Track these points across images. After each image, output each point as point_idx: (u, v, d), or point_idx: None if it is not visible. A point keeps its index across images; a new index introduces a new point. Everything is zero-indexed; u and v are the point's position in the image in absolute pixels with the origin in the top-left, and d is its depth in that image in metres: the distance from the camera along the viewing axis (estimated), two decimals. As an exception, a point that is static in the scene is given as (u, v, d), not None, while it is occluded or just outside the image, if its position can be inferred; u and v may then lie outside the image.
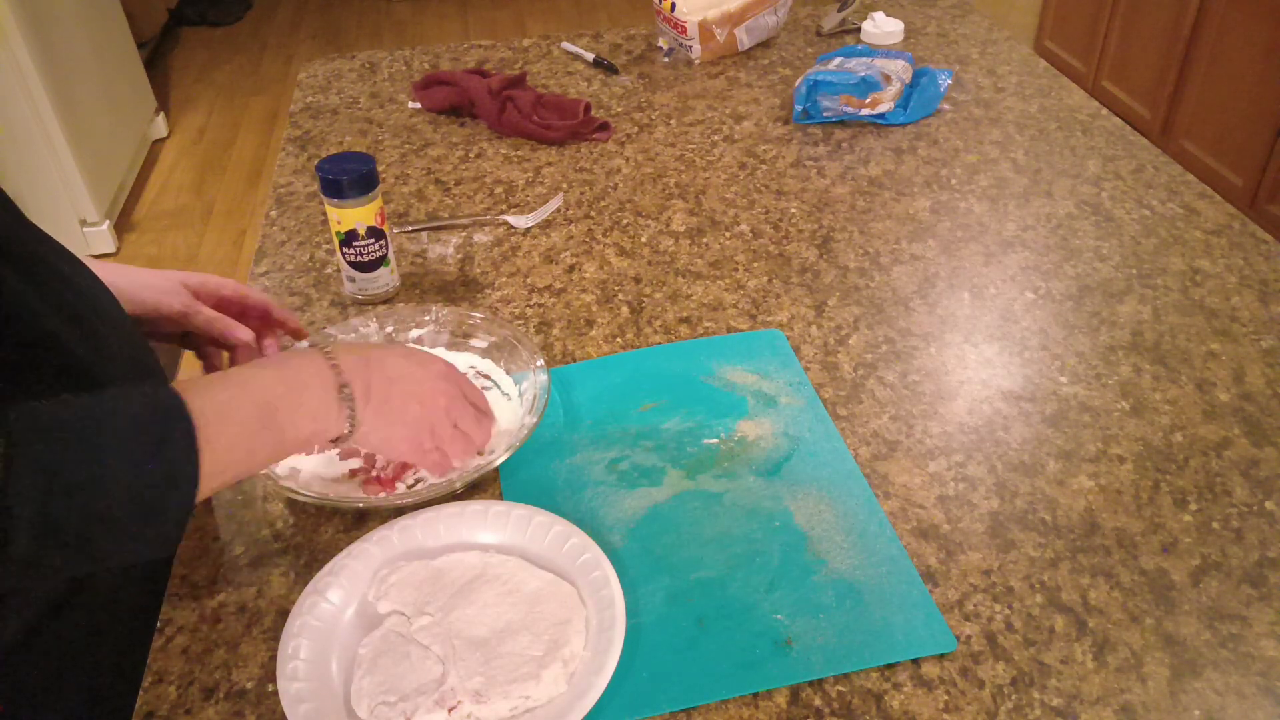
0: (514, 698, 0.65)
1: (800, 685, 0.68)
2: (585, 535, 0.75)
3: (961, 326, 1.00)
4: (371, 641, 0.69)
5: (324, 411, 0.69)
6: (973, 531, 0.79)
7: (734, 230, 1.16)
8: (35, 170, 2.60)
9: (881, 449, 0.86)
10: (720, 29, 1.55)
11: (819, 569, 0.75)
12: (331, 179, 0.98)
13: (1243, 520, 0.79)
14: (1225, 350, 0.97)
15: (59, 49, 2.65)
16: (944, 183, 1.25)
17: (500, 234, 1.17)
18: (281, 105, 3.61)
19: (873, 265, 1.10)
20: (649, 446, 0.87)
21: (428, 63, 1.61)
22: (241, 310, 0.90)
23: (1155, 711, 0.66)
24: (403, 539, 0.76)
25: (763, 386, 0.93)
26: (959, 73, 1.50)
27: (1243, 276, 1.07)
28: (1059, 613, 0.73)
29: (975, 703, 0.67)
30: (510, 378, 0.92)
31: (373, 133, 1.41)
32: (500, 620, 0.70)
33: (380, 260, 1.04)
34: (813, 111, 1.38)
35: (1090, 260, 1.10)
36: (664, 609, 0.73)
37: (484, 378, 0.93)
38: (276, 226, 1.21)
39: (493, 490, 0.83)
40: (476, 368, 0.94)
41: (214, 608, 0.75)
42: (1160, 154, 1.29)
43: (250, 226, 2.95)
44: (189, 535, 0.80)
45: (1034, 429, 0.88)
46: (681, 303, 1.05)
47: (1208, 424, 0.88)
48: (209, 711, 0.68)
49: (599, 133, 1.37)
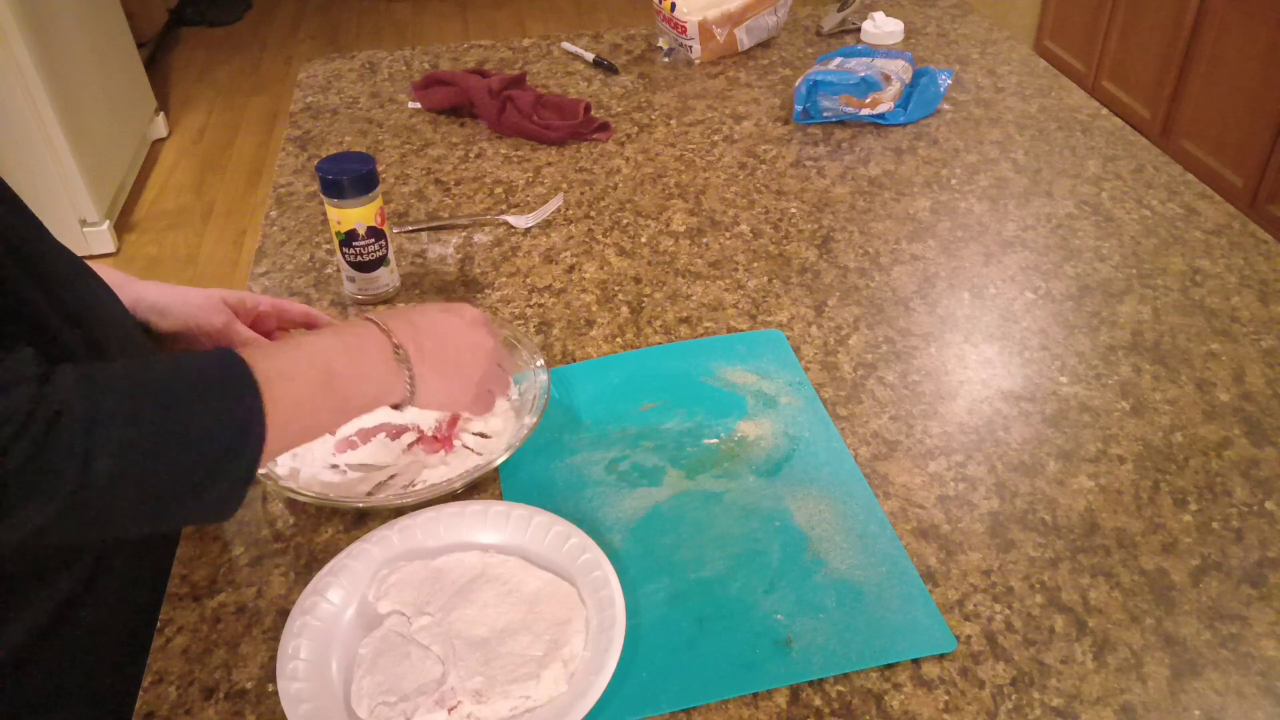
0: (514, 698, 0.65)
1: (800, 685, 0.68)
2: (585, 535, 0.75)
3: (961, 326, 1.00)
4: (371, 641, 0.69)
5: (384, 374, 0.70)
6: (973, 531, 0.79)
7: (734, 230, 1.16)
8: (35, 170, 2.60)
9: (881, 449, 0.86)
10: (720, 29, 1.54)
11: (819, 569, 0.75)
12: (331, 179, 0.98)
13: (1243, 520, 0.79)
14: (1225, 350, 0.97)
15: (59, 49, 2.65)
16: (944, 183, 1.25)
17: (500, 234, 1.17)
18: (281, 105, 3.61)
19: (873, 265, 1.10)
20: (649, 446, 0.87)
21: (428, 63, 1.61)
22: (278, 325, 0.93)
23: (1155, 711, 0.66)
24: (403, 539, 0.77)
25: (763, 386, 0.93)
26: (959, 73, 1.50)
27: (1243, 276, 1.07)
28: (1059, 613, 0.73)
29: (975, 703, 0.67)
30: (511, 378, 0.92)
31: (373, 133, 1.41)
32: (500, 620, 0.70)
33: (380, 260, 1.04)
34: (813, 111, 1.38)
35: (1090, 260, 1.10)
36: (664, 609, 0.73)
37: None
38: (276, 226, 1.21)
39: (493, 490, 0.83)
40: None
41: (214, 608, 0.75)
42: (1160, 154, 1.29)
43: (250, 226, 2.95)
44: (189, 535, 0.80)
45: (1034, 429, 0.88)
46: (681, 303, 1.05)
47: (1208, 424, 0.88)
48: (209, 711, 0.68)
49: (599, 133, 1.37)
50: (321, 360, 0.66)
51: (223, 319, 0.88)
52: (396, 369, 0.70)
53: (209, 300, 0.89)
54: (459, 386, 0.76)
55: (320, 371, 0.66)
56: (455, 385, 0.75)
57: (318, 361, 0.66)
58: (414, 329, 0.73)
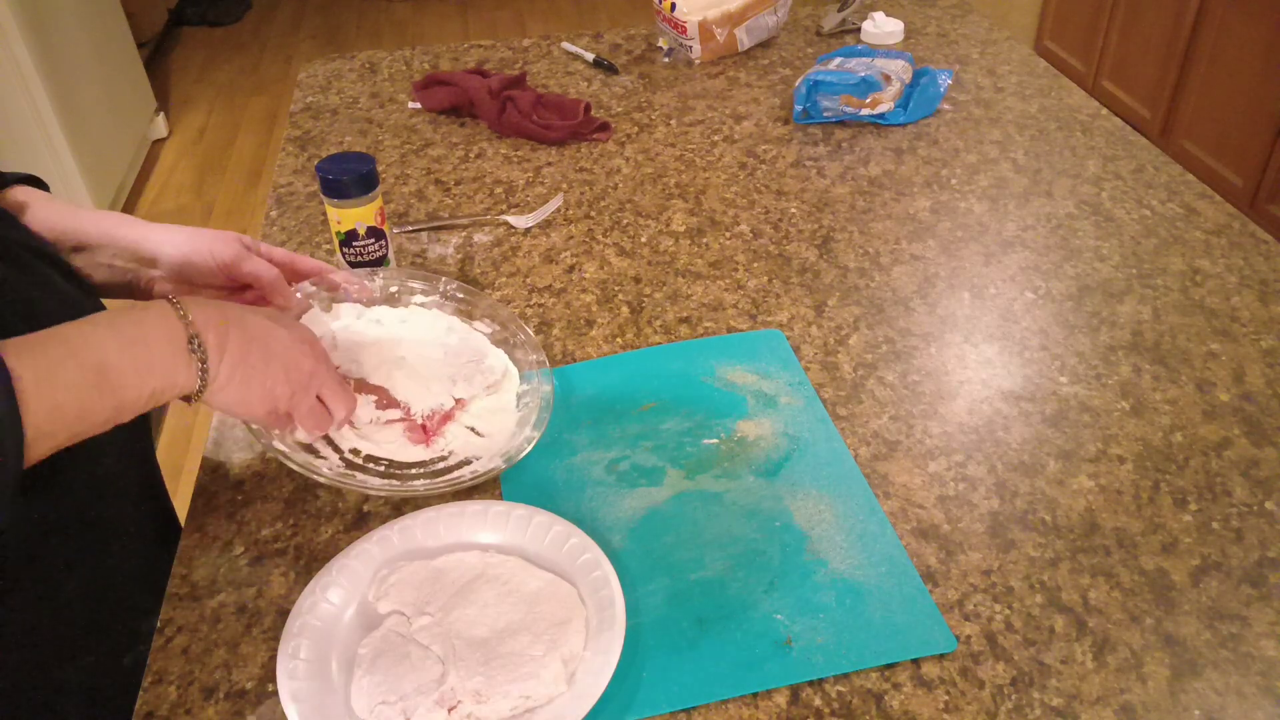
0: (514, 698, 0.65)
1: (800, 685, 0.68)
2: (585, 535, 0.75)
3: (961, 326, 1.00)
4: (371, 641, 0.69)
5: (169, 366, 0.65)
6: (973, 531, 0.79)
7: (734, 230, 1.16)
8: (35, 170, 2.57)
9: (881, 449, 0.86)
10: (720, 29, 1.55)
11: (819, 569, 0.75)
12: (331, 179, 0.98)
13: (1243, 520, 0.79)
14: (1225, 350, 0.97)
15: (59, 49, 2.65)
16: (944, 183, 1.25)
17: (500, 234, 1.17)
18: (281, 105, 3.61)
19: (873, 265, 1.10)
20: (649, 446, 0.87)
21: (428, 63, 1.61)
22: (292, 274, 0.90)
23: (1155, 711, 0.66)
24: (403, 539, 0.77)
25: (762, 386, 0.93)
26: (959, 73, 1.50)
27: (1243, 276, 1.07)
28: (1059, 613, 0.73)
29: (975, 703, 0.67)
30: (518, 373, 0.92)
31: (373, 133, 1.41)
32: (500, 620, 0.70)
33: (380, 260, 1.04)
34: (813, 111, 1.38)
35: (1090, 260, 1.10)
36: (664, 609, 0.73)
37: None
38: (276, 226, 1.21)
39: (493, 490, 0.83)
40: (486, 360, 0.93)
41: (214, 608, 0.75)
42: (1160, 154, 1.29)
43: (250, 226, 2.95)
44: (188, 535, 0.80)
45: (1034, 429, 0.88)
46: (681, 303, 1.05)
47: (1208, 424, 0.88)
48: (209, 711, 0.68)
49: (599, 133, 1.37)
50: (92, 358, 0.61)
51: (233, 251, 0.85)
52: (186, 359, 0.65)
53: (223, 235, 0.86)
54: (256, 396, 0.71)
55: (90, 370, 0.60)
56: (252, 394, 0.70)
57: (87, 359, 0.61)
58: (223, 323, 0.68)
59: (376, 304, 0.94)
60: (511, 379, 0.91)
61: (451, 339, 0.92)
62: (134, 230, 0.85)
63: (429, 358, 0.88)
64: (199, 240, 0.85)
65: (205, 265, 0.85)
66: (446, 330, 0.93)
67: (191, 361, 0.66)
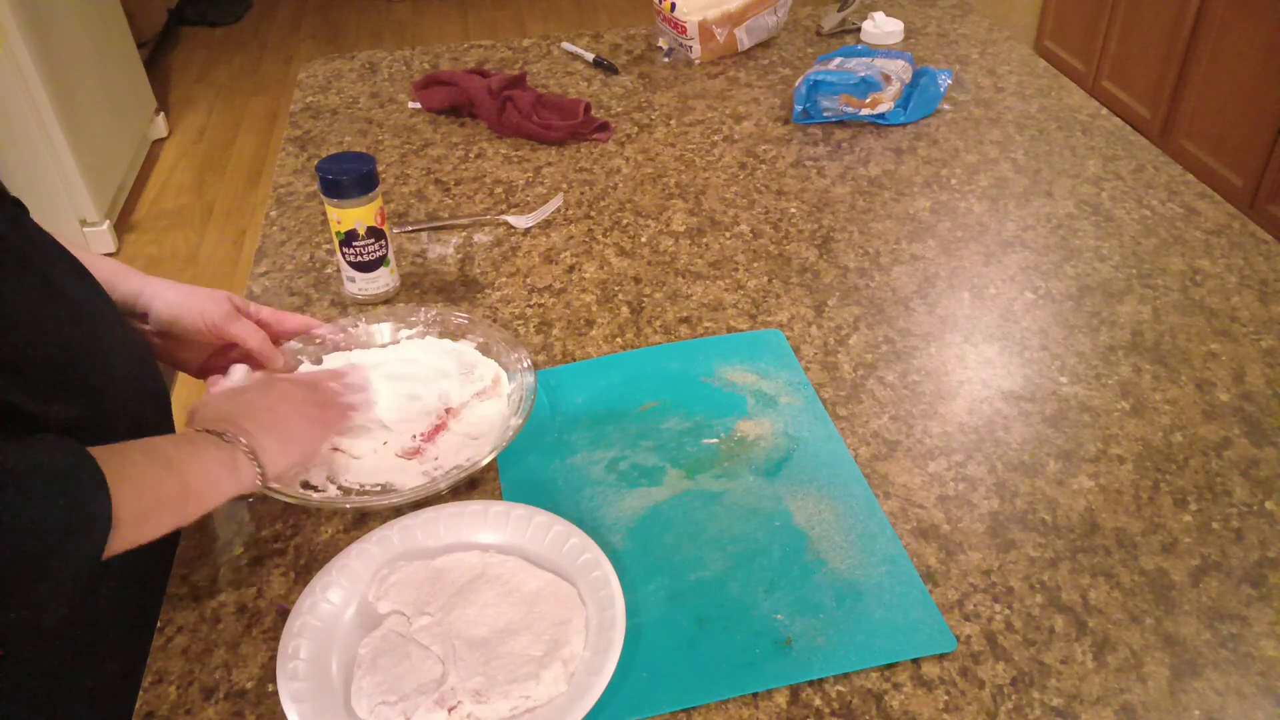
0: (514, 698, 0.65)
1: (800, 685, 0.68)
2: (585, 535, 0.75)
3: (961, 326, 1.00)
4: (371, 641, 0.69)
5: (225, 458, 0.71)
6: (973, 531, 0.79)
7: (734, 230, 1.16)
8: (35, 170, 2.60)
9: (881, 449, 0.86)
10: (720, 29, 1.54)
11: (819, 569, 0.75)
12: (331, 179, 0.98)
13: (1243, 520, 0.79)
14: (1225, 350, 0.97)
15: (59, 49, 2.65)
16: (944, 183, 1.25)
17: (500, 234, 1.17)
18: (281, 105, 3.61)
19: (873, 265, 1.10)
20: (649, 446, 0.87)
21: (428, 63, 1.61)
22: (278, 333, 0.94)
23: (1155, 711, 0.66)
24: (403, 539, 0.77)
25: (762, 386, 0.93)
26: (959, 73, 1.50)
27: (1243, 276, 1.07)
28: (1059, 613, 0.73)
29: (975, 703, 0.67)
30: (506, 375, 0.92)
31: (373, 133, 1.41)
32: (500, 620, 0.70)
33: (380, 260, 1.04)
34: (813, 111, 1.38)
35: (1090, 260, 1.10)
36: (664, 609, 0.73)
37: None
38: (276, 226, 1.21)
39: (493, 490, 0.83)
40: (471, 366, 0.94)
41: (214, 608, 0.75)
42: (1160, 154, 1.29)
43: (250, 226, 2.95)
44: (189, 535, 0.80)
45: (1034, 429, 0.88)
46: (681, 303, 1.05)
47: (1208, 424, 0.88)
48: (209, 711, 0.68)
49: (599, 133, 1.37)
50: (162, 453, 0.68)
51: (223, 312, 0.88)
52: (229, 449, 0.72)
53: (214, 294, 0.90)
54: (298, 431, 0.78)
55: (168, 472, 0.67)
56: (294, 428, 0.78)
57: (158, 456, 0.68)
58: (225, 415, 0.75)
59: (361, 348, 0.96)
60: (502, 384, 0.91)
61: (444, 360, 0.93)
62: (130, 282, 0.89)
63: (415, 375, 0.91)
64: (192, 299, 0.88)
65: (193, 324, 0.88)
66: (439, 353, 0.94)
67: (235, 448, 0.72)
